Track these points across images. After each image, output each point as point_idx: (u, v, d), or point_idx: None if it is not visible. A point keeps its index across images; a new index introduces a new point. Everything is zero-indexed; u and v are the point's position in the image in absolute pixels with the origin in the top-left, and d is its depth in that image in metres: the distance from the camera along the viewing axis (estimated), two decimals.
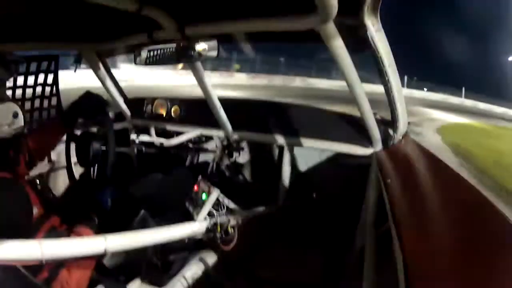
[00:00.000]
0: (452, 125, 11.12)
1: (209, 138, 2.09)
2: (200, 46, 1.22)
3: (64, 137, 1.57)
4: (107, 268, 1.27)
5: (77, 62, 1.89)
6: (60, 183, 1.94)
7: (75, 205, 1.25)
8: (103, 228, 1.18)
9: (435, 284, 0.52)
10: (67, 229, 1.10)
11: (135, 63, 1.36)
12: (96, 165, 1.55)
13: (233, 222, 1.55)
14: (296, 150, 1.83)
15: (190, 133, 2.05)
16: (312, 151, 1.77)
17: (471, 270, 0.56)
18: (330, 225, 1.82)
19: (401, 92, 1.32)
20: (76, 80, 3.29)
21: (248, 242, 1.70)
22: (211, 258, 1.62)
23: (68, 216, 1.15)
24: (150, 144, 2.09)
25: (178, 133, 2.09)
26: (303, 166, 1.89)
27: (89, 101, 1.43)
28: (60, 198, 1.35)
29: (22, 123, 1.09)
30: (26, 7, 1.12)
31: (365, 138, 1.52)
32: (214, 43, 1.21)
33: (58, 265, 0.98)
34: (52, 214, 1.08)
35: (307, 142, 1.77)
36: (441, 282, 0.53)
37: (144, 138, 2.13)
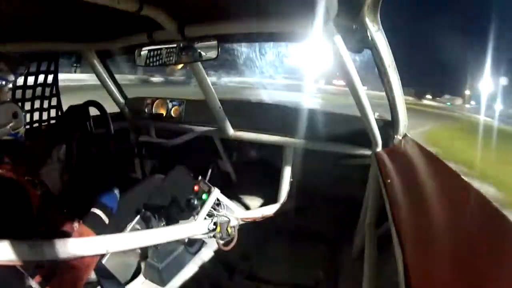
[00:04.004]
0: None
1: (209, 138, 2.09)
2: (200, 46, 1.22)
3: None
4: (107, 268, 1.27)
5: (77, 63, 1.90)
6: (60, 183, 1.94)
7: (75, 204, 1.25)
8: (103, 227, 1.18)
9: (435, 284, 0.52)
10: (68, 228, 1.10)
11: (135, 63, 1.36)
12: (96, 165, 1.55)
13: (233, 222, 1.55)
14: (296, 150, 1.83)
15: (190, 133, 2.05)
16: (312, 151, 1.77)
17: (471, 269, 0.56)
18: (330, 225, 1.82)
19: (401, 93, 1.32)
20: None
21: (248, 242, 1.70)
22: (211, 258, 1.62)
23: (68, 215, 1.15)
24: (150, 144, 2.10)
25: (178, 133, 2.09)
26: (303, 166, 1.89)
27: (72, 116, 1.44)
28: (60, 198, 1.34)
29: (22, 123, 1.09)
30: (26, 7, 1.12)
31: (365, 139, 1.52)
32: (214, 43, 1.21)
33: (57, 264, 0.98)
34: (52, 214, 1.09)
35: (307, 142, 1.77)
36: (441, 282, 0.53)
37: (144, 138, 2.13)
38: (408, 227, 0.72)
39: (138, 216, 1.48)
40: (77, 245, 0.96)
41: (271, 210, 1.87)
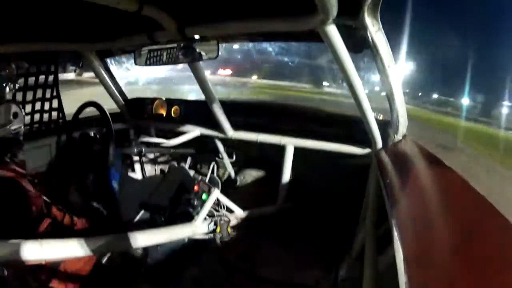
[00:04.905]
0: None
1: (209, 138, 2.09)
2: (200, 46, 1.22)
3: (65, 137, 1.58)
4: (107, 268, 1.27)
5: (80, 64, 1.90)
6: (60, 180, 1.94)
7: (75, 199, 1.25)
8: (102, 218, 1.18)
9: (435, 284, 0.52)
10: (67, 225, 1.11)
11: (135, 63, 1.36)
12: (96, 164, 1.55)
13: (233, 222, 1.55)
14: (296, 150, 1.83)
15: (190, 133, 2.05)
16: (312, 151, 1.77)
17: (471, 269, 0.56)
18: (330, 225, 1.82)
19: (401, 93, 1.32)
20: None
21: (248, 242, 1.70)
22: (211, 258, 1.62)
23: (68, 212, 1.15)
24: (150, 144, 2.10)
25: (178, 133, 2.09)
26: (303, 166, 1.90)
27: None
28: (59, 194, 1.35)
29: (22, 124, 1.10)
30: (26, 7, 1.12)
31: (365, 138, 1.52)
32: (213, 43, 1.21)
33: (57, 264, 0.99)
34: (53, 209, 1.09)
35: (307, 142, 1.77)
36: (441, 282, 0.53)
37: (144, 138, 2.13)
38: (408, 227, 0.72)
39: (138, 216, 1.48)
40: (77, 245, 0.96)
41: (271, 210, 1.87)
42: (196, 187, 1.57)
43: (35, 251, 0.85)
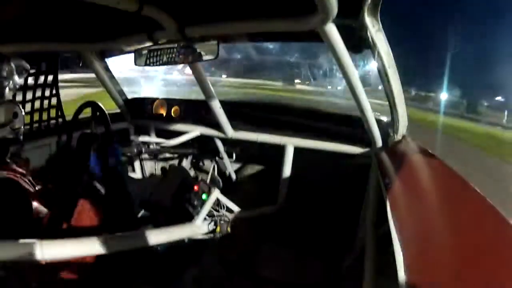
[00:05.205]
0: None
1: (209, 138, 2.10)
2: (200, 47, 1.22)
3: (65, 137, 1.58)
4: (107, 268, 1.27)
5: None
6: (59, 178, 1.94)
7: (74, 192, 1.25)
8: (100, 197, 1.18)
9: (435, 284, 0.52)
10: (68, 222, 1.11)
11: (135, 63, 1.36)
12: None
13: (233, 222, 1.55)
14: (296, 150, 1.83)
15: (190, 133, 2.05)
16: (312, 151, 1.77)
17: (470, 269, 0.56)
18: (330, 225, 1.82)
19: (401, 93, 1.32)
20: None
21: (248, 242, 1.70)
22: (211, 258, 1.62)
23: (67, 209, 1.15)
24: (150, 144, 2.10)
25: (178, 133, 2.09)
26: (303, 166, 1.90)
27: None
28: (59, 191, 1.35)
29: (22, 123, 1.10)
30: (26, 8, 1.12)
31: (365, 138, 1.53)
32: (213, 43, 1.21)
33: (56, 264, 0.99)
34: (52, 209, 1.09)
35: (307, 142, 1.77)
36: (440, 282, 0.53)
37: (144, 138, 2.13)
38: (408, 227, 0.72)
39: (138, 216, 1.48)
40: (77, 245, 0.96)
41: (271, 210, 1.87)
42: (196, 187, 1.57)
43: (35, 251, 0.85)
